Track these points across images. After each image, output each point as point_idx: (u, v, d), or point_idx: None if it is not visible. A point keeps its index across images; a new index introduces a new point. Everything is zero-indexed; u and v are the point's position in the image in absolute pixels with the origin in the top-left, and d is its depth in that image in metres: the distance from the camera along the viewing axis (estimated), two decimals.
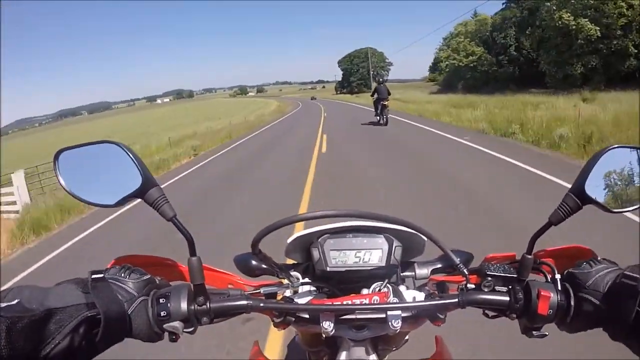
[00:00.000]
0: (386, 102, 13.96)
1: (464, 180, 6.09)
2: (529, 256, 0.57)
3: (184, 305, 0.54)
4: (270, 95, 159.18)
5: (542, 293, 0.54)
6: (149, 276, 0.56)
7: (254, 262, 0.69)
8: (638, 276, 0.47)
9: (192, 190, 7.96)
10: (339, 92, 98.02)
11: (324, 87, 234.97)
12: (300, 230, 0.68)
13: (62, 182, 0.54)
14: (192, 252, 0.55)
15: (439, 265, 0.75)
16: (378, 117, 14.69)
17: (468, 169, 6.78)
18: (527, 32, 30.69)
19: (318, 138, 13.25)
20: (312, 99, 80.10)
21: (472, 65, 36.14)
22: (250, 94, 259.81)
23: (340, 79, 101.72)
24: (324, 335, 0.60)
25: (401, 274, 0.74)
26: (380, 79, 15.89)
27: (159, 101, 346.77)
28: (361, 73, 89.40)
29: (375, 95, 14.43)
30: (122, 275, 0.53)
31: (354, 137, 12.88)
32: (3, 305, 0.39)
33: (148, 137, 28.34)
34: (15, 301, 0.40)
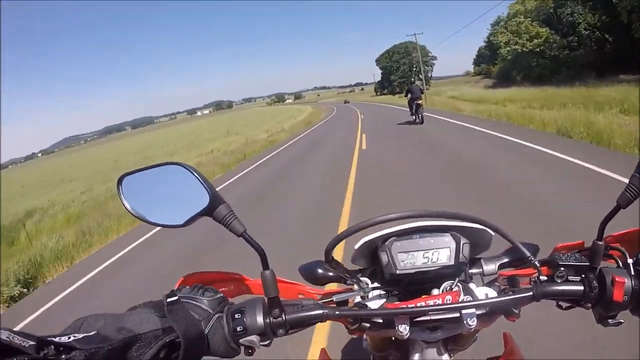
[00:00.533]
0: (420, 101, 13.98)
1: None
2: (600, 242, 0.56)
3: (259, 319, 0.54)
4: (306, 102, 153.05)
5: (616, 279, 0.53)
6: (221, 294, 0.56)
7: (320, 271, 0.69)
8: None
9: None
10: (379, 94, 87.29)
11: (362, 89, 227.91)
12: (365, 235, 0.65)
13: (127, 205, 0.55)
14: (265, 265, 0.56)
15: (506, 260, 0.73)
16: (414, 117, 14.52)
17: None
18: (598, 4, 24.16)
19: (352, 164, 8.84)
20: (345, 103, 77.80)
21: (537, 50, 29.01)
22: (288, 100, 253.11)
23: (379, 79, 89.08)
24: (394, 339, 0.64)
25: (469, 272, 0.72)
26: (413, 79, 18.32)
27: (199, 113, 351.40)
28: (402, 70, 76.48)
29: (409, 95, 14.49)
30: (196, 294, 0.54)
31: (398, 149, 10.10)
32: (80, 336, 0.38)
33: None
34: (93, 332, 0.40)
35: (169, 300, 0.49)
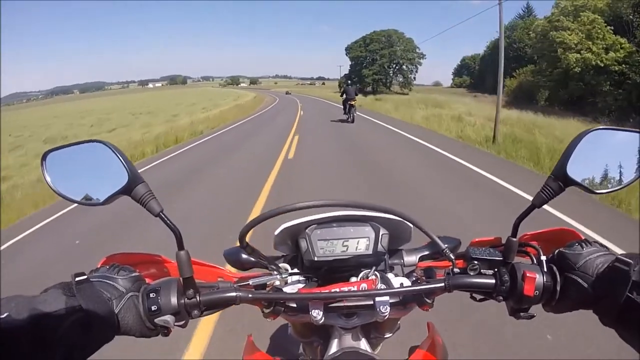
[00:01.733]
0: (353, 102, 14.87)
1: None
2: (514, 239, 0.57)
3: (174, 299, 0.54)
4: (259, 88, 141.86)
5: (527, 274, 0.55)
6: (137, 273, 0.56)
7: (243, 256, 0.71)
8: (631, 261, 0.47)
9: None
10: (343, 91, 66.43)
11: (323, 83, 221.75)
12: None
13: (49, 181, 0.54)
14: (180, 245, 0.55)
15: (427, 252, 0.75)
16: (347, 116, 15.35)
17: None
18: None
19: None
20: (286, 94, 70.66)
21: (615, 69, 17.48)
22: (242, 84, 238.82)
23: (346, 72, 65.33)
24: (315, 325, 0.62)
25: (389, 262, 0.74)
26: (349, 81, 17.53)
27: (150, 85, 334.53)
28: (380, 64, 59.74)
29: (344, 96, 15.17)
30: (111, 273, 0.54)
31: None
32: None
33: None
34: (4, 315, 0.40)
35: (77, 279, 0.48)
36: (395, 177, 6.42)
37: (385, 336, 0.77)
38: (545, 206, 0.56)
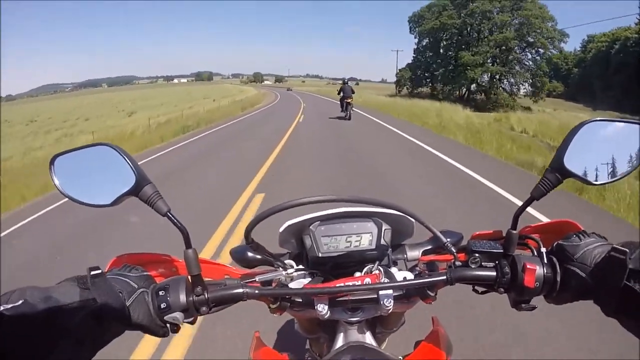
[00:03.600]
0: (350, 100, 15.48)
1: None
2: (514, 231, 0.58)
3: (182, 296, 0.56)
4: (280, 87, 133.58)
5: (528, 266, 0.55)
6: (147, 273, 0.59)
7: (249, 254, 0.74)
8: (627, 250, 0.47)
9: None
10: (401, 91, 42.39)
11: (357, 84, 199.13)
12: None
13: (57, 185, 0.55)
14: (188, 244, 0.56)
15: (429, 247, 0.76)
16: (344, 113, 15.85)
17: None
18: None
19: None
20: (288, 90, 69.07)
21: None
22: (266, 82, 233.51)
23: (410, 62, 40.84)
24: (321, 320, 0.66)
25: (393, 257, 0.76)
26: (345, 80, 16.16)
27: (175, 81, 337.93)
28: (495, 42, 31.99)
29: (341, 94, 15.84)
30: (123, 272, 0.56)
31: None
32: (9, 306, 0.40)
33: None
34: (20, 302, 0.41)
35: (92, 273, 0.49)
36: None
37: (390, 331, 0.78)
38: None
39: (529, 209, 2.29)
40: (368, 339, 0.70)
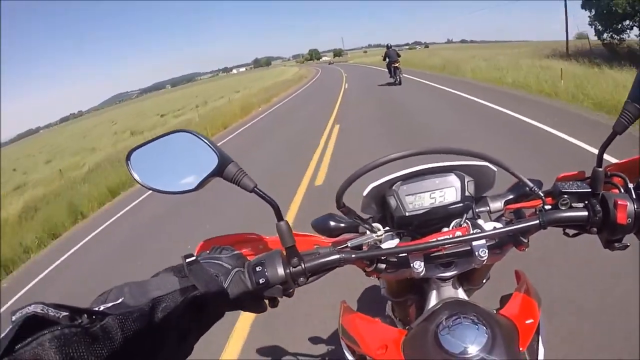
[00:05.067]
0: (397, 64, 14.99)
1: None
2: (600, 169, 0.57)
3: (280, 270, 0.56)
4: (338, 61, 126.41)
5: (619, 202, 0.54)
6: (238, 252, 0.59)
7: (332, 223, 0.73)
8: None
9: None
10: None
11: (427, 46, 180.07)
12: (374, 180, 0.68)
13: (137, 178, 0.55)
14: (279, 217, 0.57)
15: (512, 196, 0.75)
16: (393, 78, 15.33)
17: None
18: None
19: None
20: (330, 64, 67.54)
21: None
22: (324, 58, 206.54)
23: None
24: (411, 283, 0.67)
25: (476, 210, 0.74)
26: (389, 44, 15.93)
27: (234, 71, 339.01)
28: None
29: (387, 60, 15.39)
30: (214, 254, 0.56)
31: None
32: (109, 305, 0.40)
33: None
34: (120, 300, 0.41)
35: (187, 260, 0.50)
36: None
37: (477, 287, 0.78)
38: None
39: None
40: (461, 294, 0.71)
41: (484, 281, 0.81)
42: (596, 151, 0.59)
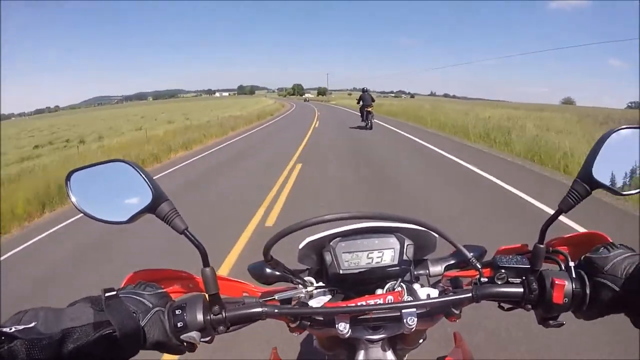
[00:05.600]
0: (370, 109, 15.01)
1: None
2: (541, 245, 0.57)
3: (199, 316, 0.55)
4: (317, 100, 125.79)
5: (556, 282, 0.54)
6: (163, 290, 0.57)
7: (267, 270, 0.71)
8: None
9: None
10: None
11: (412, 96, 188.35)
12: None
13: (73, 201, 0.55)
14: (206, 262, 0.56)
15: (453, 261, 0.74)
16: (364, 122, 15.37)
17: None
18: None
19: None
20: (305, 101, 70.75)
21: None
22: (308, 95, 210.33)
23: None
24: (341, 338, 0.63)
25: (415, 272, 0.73)
26: (365, 87, 15.96)
27: (217, 94, 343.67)
28: None
29: (361, 103, 15.41)
30: (138, 289, 0.55)
31: None
32: (21, 327, 0.40)
33: None
34: (32, 324, 0.41)
35: (107, 295, 0.49)
36: None
37: (411, 348, 0.77)
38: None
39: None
40: (389, 357, 0.69)
41: (420, 342, 0.77)
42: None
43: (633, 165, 0.53)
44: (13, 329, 0.39)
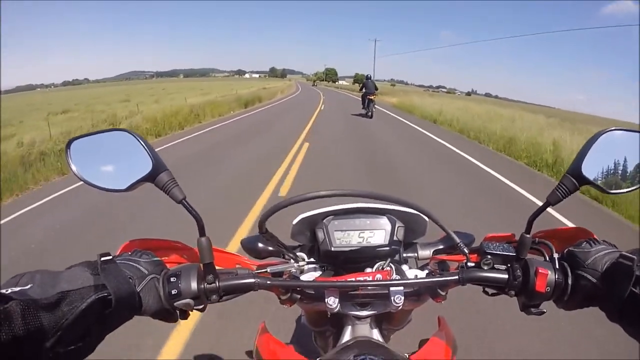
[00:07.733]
0: (373, 97, 14.35)
1: None
2: (527, 235, 0.58)
3: (194, 284, 0.56)
4: (352, 88, 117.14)
5: (539, 270, 0.56)
6: (158, 258, 0.58)
7: (260, 245, 0.73)
8: (634, 257, 0.48)
9: None
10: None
11: (469, 94, 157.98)
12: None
13: (73, 169, 0.55)
14: (202, 232, 0.57)
15: (441, 246, 0.75)
16: (365, 110, 14.86)
17: None
18: None
19: None
20: (313, 85, 71.80)
21: None
22: (342, 82, 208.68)
23: None
24: (329, 314, 0.64)
25: (404, 255, 0.75)
26: (368, 75, 14.97)
27: (247, 75, 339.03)
28: None
29: (364, 90, 14.72)
30: (134, 257, 0.55)
31: None
32: (17, 289, 0.40)
33: None
34: (29, 286, 0.41)
35: (102, 259, 0.49)
36: None
37: (397, 328, 0.77)
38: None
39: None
40: (375, 334, 0.70)
41: (406, 323, 0.79)
42: None
43: (621, 166, 0.54)
44: (9, 291, 0.39)
